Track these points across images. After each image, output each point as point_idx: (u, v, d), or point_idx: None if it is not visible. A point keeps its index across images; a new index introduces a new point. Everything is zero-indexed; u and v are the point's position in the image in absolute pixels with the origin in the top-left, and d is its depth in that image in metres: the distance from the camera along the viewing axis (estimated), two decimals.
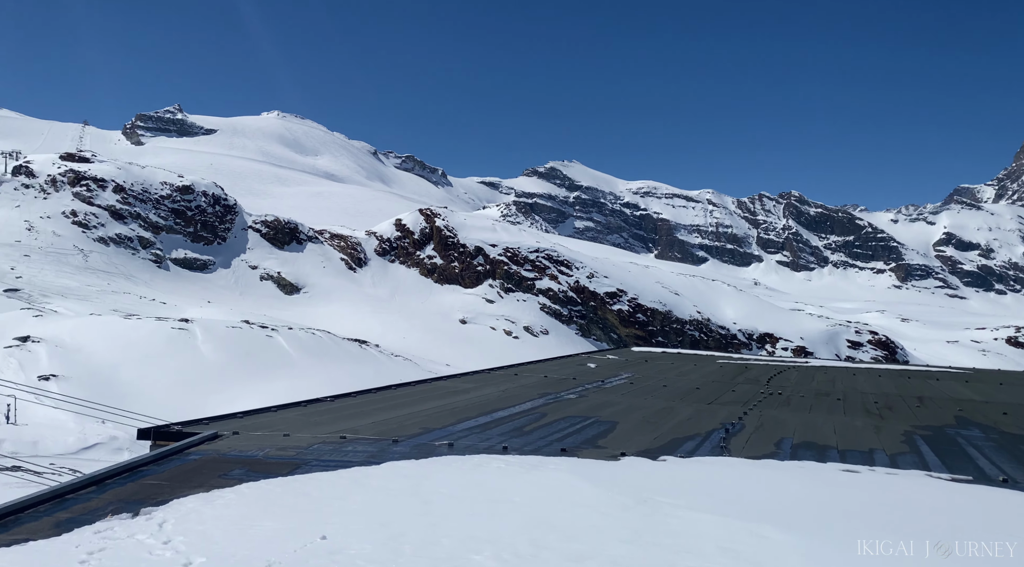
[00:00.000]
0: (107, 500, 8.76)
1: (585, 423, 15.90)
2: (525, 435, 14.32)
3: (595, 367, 29.11)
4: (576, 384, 22.87)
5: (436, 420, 15.65)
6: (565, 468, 10.93)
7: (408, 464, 10.98)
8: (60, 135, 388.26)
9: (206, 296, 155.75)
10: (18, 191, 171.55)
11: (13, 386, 62.41)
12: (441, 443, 13.10)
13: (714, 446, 13.98)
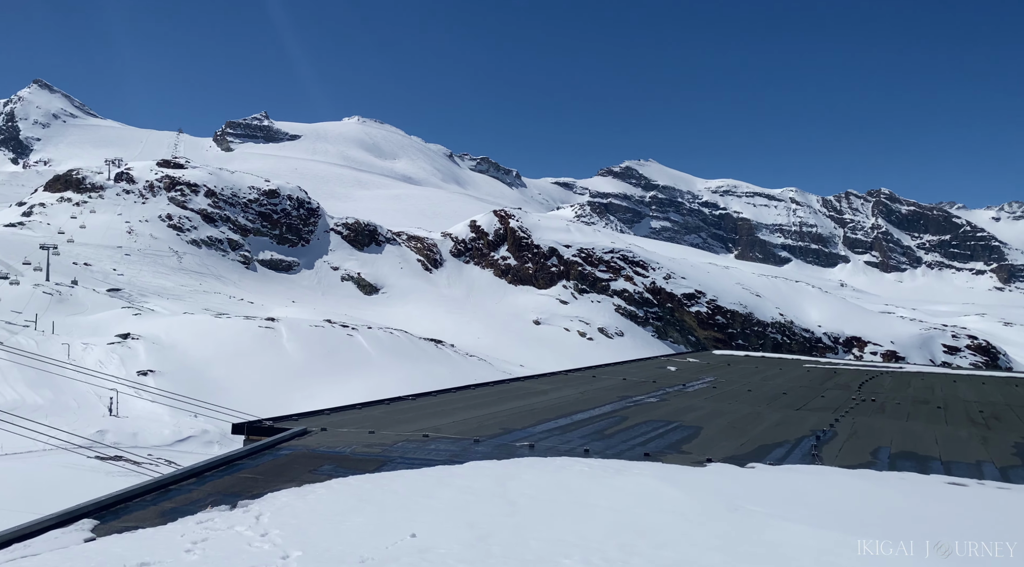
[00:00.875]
0: (207, 492, 9.12)
1: (668, 427, 15.56)
2: (606, 438, 14.13)
3: (675, 370, 28.53)
4: (656, 387, 22.46)
5: (515, 421, 15.64)
6: (650, 473, 10.70)
7: (491, 464, 10.98)
8: (157, 143, 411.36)
9: (290, 296, 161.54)
10: (120, 196, 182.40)
11: (115, 380, 66.34)
12: (522, 444, 13.07)
13: (805, 454, 13.43)
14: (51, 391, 69.23)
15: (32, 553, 6.21)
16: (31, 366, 68.62)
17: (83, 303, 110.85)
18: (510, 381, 24.42)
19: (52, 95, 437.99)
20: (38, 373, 69.10)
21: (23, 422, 45.08)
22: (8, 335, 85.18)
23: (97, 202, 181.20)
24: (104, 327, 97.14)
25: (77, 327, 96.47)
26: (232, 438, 57.15)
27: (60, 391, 69.17)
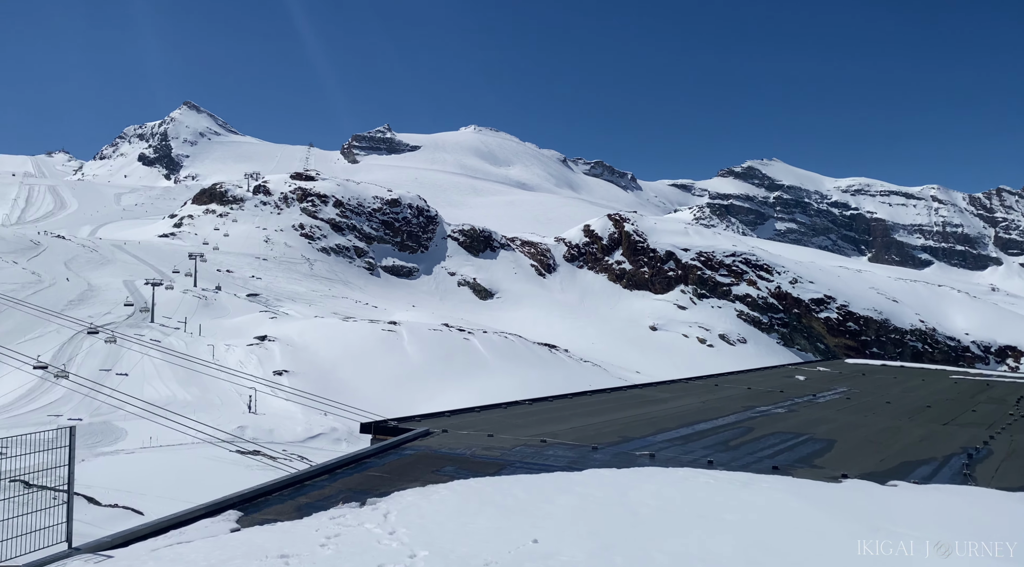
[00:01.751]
0: (338, 488, 9.54)
1: (797, 440, 14.76)
2: (731, 450, 13.59)
3: (804, 380, 27.08)
4: (784, 397, 21.39)
5: (634, 429, 15.34)
6: (780, 487, 10.17)
7: (610, 472, 10.81)
8: (290, 157, 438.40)
9: (411, 300, 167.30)
10: (257, 208, 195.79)
11: (254, 379, 71.06)
12: (642, 453, 12.79)
13: (955, 473, 12.32)
14: (198, 389, 75.17)
15: (186, 540, 6.72)
16: (182, 365, 74.83)
17: (226, 307, 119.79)
18: (627, 388, 24.02)
19: (199, 115, 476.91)
20: (188, 372, 75.24)
21: (175, 417, 49.20)
22: (162, 337, 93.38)
23: (238, 213, 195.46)
24: (244, 329, 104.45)
25: (220, 329, 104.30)
26: (359, 436, 59.54)
27: (206, 389, 74.97)
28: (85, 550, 6.37)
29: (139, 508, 35.25)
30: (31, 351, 76.71)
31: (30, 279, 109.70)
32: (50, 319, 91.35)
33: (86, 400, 66.43)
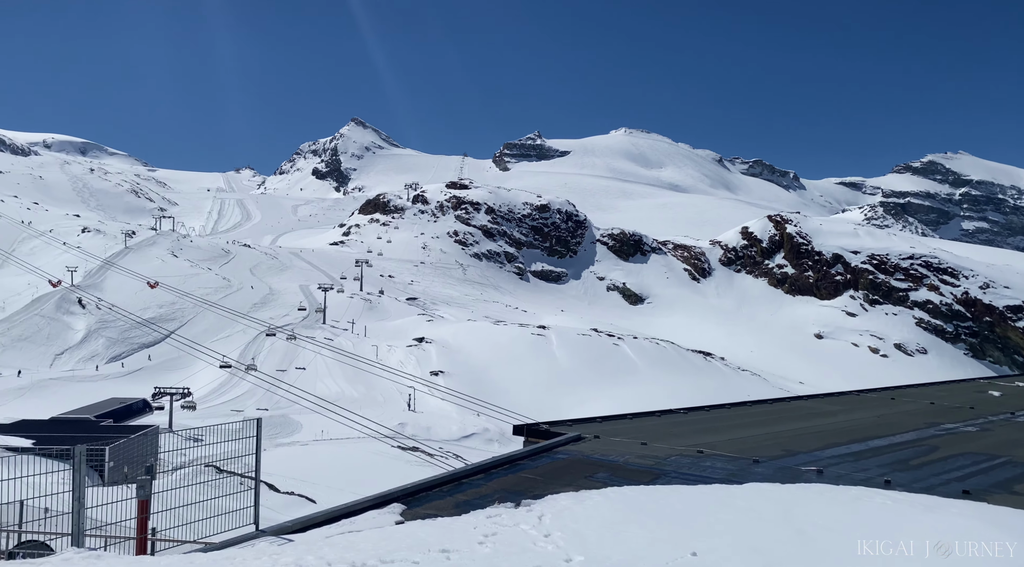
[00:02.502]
0: (493, 488, 9.75)
1: (992, 463, 13.20)
2: (912, 470, 12.40)
3: (999, 396, 24.22)
4: (975, 415, 19.23)
5: (799, 443, 14.44)
6: (972, 514, 9.12)
7: (773, 487, 10.22)
8: (446, 167, 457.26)
9: (559, 305, 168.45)
10: (416, 216, 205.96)
11: (413, 379, 74.61)
12: (808, 469, 12.00)
13: None
14: (364, 386, 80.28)
15: (356, 529, 7.15)
16: (350, 364, 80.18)
17: (388, 310, 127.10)
18: (791, 399, 22.68)
19: (365, 130, 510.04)
20: (355, 370, 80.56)
21: (343, 412, 52.75)
22: (332, 337, 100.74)
23: (398, 221, 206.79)
24: (404, 331, 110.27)
25: (383, 331, 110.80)
26: (510, 438, 60.39)
27: (371, 386, 79.89)
28: (270, 533, 6.97)
29: (312, 496, 38.09)
30: (222, 349, 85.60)
31: (222, 284, 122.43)
32: (237, 320, 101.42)
33: (267, 394, 73.01)
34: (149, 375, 78.74)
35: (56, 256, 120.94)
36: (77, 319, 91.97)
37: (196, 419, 59.43)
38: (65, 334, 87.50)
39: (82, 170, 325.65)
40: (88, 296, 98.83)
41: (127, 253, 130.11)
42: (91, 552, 6.08)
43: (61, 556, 5.79)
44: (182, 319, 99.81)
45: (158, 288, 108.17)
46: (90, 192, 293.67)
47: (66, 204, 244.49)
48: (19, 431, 42.44)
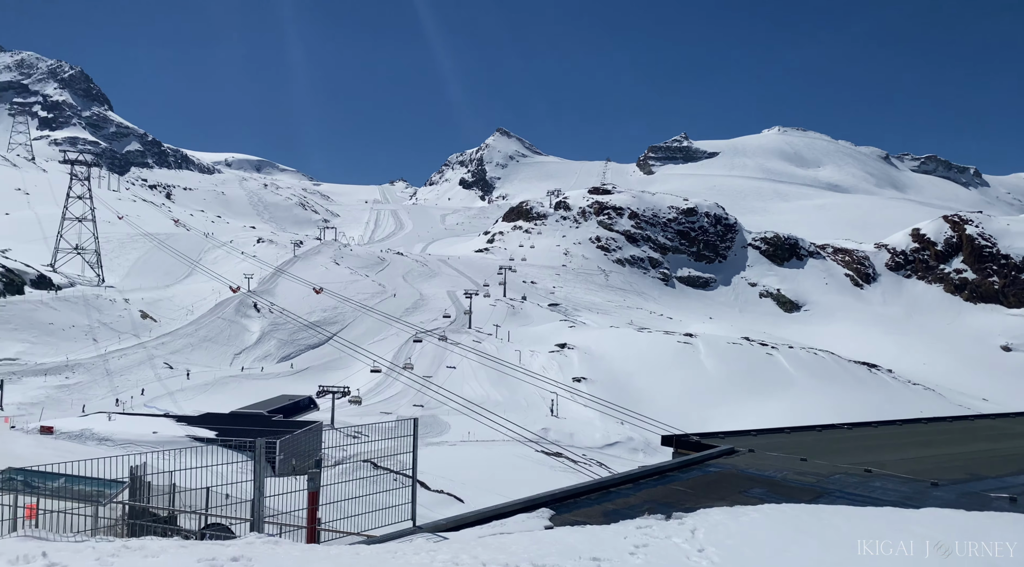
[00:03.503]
0: (642, 499, 9.56)
1: None
2: None
3: None
4: None
5: (987, 466, 12.99)
6: None
7: (956, 514, 9.25)
8: (588, 172, 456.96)
9: (707, 312, 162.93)
10: (558, 222, 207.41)
11: (555, 384, 75.04)
12: (998, 496, 10.76)
13: None
14: (508, 390, 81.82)
15: (507, 531, 7.27)
16: (494, 368, 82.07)
17: (530, 315, 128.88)
18: (975, 418, 20.51)
19: (509, 140, 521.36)
20: (499, 374, 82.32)
21: (489, 415, 53.97)
22: (476, 342, 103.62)
23: (541, 228, 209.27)
24: (546, 337, 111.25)
25: (526, 336, 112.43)
26: (656, 448, 59.29)
27: (514, 390, 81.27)
28: (426, 529, 7.25)
29: (460, 495, 39.26)
30: (378, 351, 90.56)
31: (377, 290, 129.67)
32: (391, 323, 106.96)
33: (418, 395, 76.30)
34: (314, 374, 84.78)
35: (235, 264, 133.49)
36: (253, 322, 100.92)
37: (354, 416, 63.19)
38: (242, 335, 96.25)
39: (257, 186, 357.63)
40: (262, 301, 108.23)
41: (295, 261, 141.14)
42: (269, 538, 6.61)
43: (244, 540, 6.33)
44: (343, 322, 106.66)
45: (322, 294, 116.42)
46: (264, 205, 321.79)
47: (244, 217, 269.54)
48: (204, 423, 47.45)
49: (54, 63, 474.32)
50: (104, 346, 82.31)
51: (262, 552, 5.49)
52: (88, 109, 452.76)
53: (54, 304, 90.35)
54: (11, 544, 5.66)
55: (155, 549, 5.56)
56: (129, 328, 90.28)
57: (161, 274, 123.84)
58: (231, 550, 5.52)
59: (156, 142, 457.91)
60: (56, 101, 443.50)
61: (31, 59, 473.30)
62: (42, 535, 6.39)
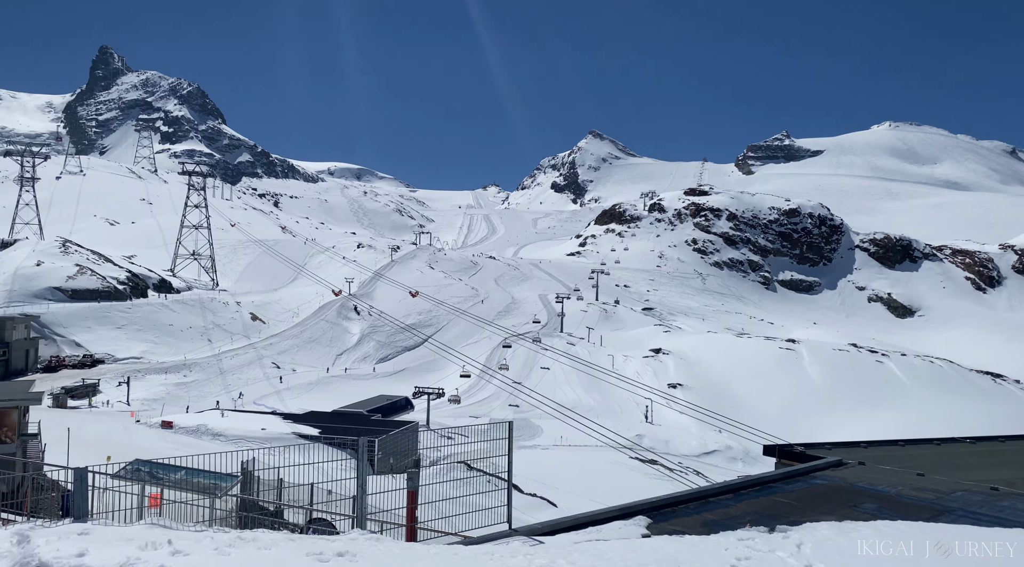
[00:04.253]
0: (743, 510, 9.23)
1: None
2: None
3: None
4: None
5: None
6: None
7: None
8: (684, 173, 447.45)
9: (811, 317, 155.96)
10: (652, 225, 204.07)
11: (650, 390, 73.81)
12: None
13: None
14: (600, 395, 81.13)
15: (603, 538, 7.19)
16: (586, 372, 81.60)
17: (623, 320, 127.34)
18: None
19: (602, 142, 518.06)
20: (591, 378, 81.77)
21: (582, 420, 53.70)
22: (568, 346, 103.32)
23: (635, 231, 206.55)
24: (639, 342, 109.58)
25: (619, 340, 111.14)
26: (756, 458, 57.21)
27: (606, 396, 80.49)
28: (522, 533, 7.27)
29: (552, 499, 39.22)
30: (471, 354, 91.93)
31: (470, 293, 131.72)
32: (484, 327, 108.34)
33: (510, 398, 76.90)
34: (410, 375, 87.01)
35: (337, 269, 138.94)
36: (353, 324, 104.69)
37: (448, 417, 64.38)
38: (344, 337, 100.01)
39: (357, 193, 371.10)
40: (362, 304, 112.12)
41: (392, 266, 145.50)
42: (372, 535, 6.82)
43: (348, 536, 6.56)
44: (437, 325, 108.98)
45: (418, 297, 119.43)
46: (363, 212, 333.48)
47: (345, 223, 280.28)
48: (308, 421, 49.65)
49: (174, 81, 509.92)
50: (217, 346, 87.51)
51: (365, 548, 5.67)
52: (204, 123, 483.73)
53: (173, 307, 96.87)
54: (140, 530, 6.12)
55: (267, 541, 5.85)
56: (240, 329, 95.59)
57: (269, 278, 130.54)
58: (336, 545, 5.73)
59: (265, 153, 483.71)
60: (176, 116, 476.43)
61: (154, 78, 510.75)
62: (166, 523, 6.87)
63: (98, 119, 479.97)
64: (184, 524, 7.24)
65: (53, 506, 16.74)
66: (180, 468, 11.16)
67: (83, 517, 7.00)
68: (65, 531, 5.94)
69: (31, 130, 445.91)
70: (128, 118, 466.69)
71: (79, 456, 26.17)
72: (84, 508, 7.07)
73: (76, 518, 6.96)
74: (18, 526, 6.02)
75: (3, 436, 27.16)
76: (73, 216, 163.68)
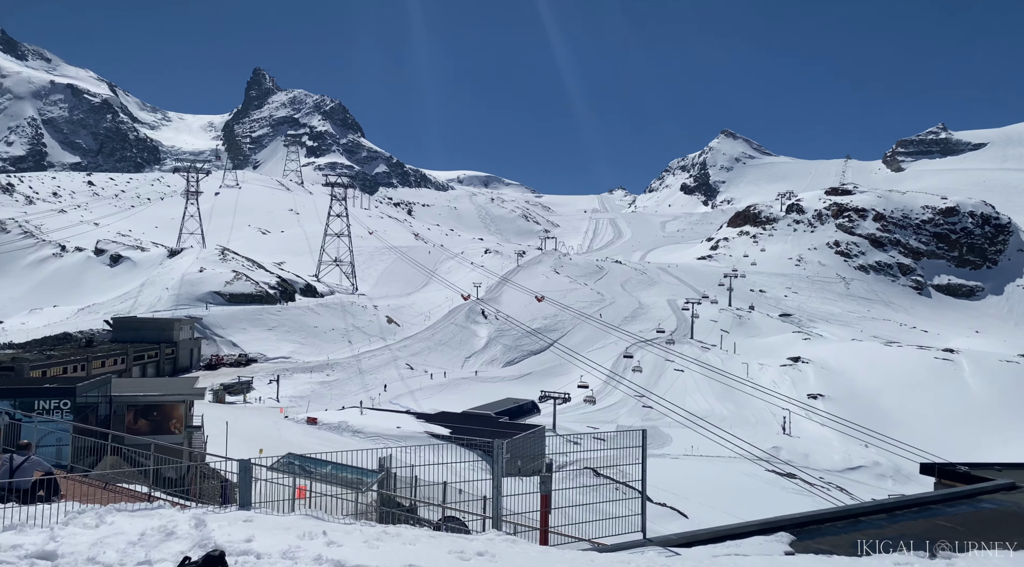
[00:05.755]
0: (898, 532, 8.56)
1: None
2: None
3: None
4: None
5: None
6: None
7: None
8: (824, 172, 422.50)
9: (972, 325, 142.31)
10: (790, 227, 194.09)
11: (788, 400, 70.18)
12: None
13: None
14: (733, 404, 78.03)
15: (742, 553, 6.91)
16: (718, 380, 78.83)
17: (758, 326, 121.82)
18: None
19: (735, 142, 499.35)
20: (724, 387, 78.87)
21: (714, 429, 51.94)
22: (700, 353, 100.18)
23: (770, 233, 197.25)
24: (776, 349, 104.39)
25: (753, 348, 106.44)
26: (909, 476, 53.06)
27: (741, 405, 77.31)
28: (657, 543, 7.12)
29: (683, 511, 38.16)
30: (597, 359, 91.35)
31: (596, 298, 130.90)
32: (610, 332, 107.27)
33: (637, 406, 75.64)
34: (535, 379, 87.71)
35: (466, 274, 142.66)
36: (481, 327, 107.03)
37: (573, 422, 64.28)
38: (472, 340, 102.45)
39: (484, 200, 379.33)
40: (489, 308, 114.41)
41: (518, 271, 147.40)
42: (508, 536, 6.93)
43: (485, 536, 6.71)
44: (563, 330, 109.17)
45: (543, 302, 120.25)
46: (490, 218, 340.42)
47: (472, 229, 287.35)
48: (439, 421, 51.33)
49: (318, 98, 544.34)
50: (357, 347, 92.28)
51: (503, 549, 5.77)
52: (344, 137, 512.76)
53: (318, 310, 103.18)
54: (296, 520, 6.58)
55: (410, 537, 6.11)
56: (377, 332, 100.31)
57: (403, 283, 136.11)
58: (475, 544, 5.88)
59: (399, 164, 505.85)
60: (320, 131, 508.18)
61: (301, 96, 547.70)
62: (318, 515, 7.33)
63: (252, 136, 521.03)
64: (333, 516, 7.69)
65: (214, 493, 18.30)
66: (328, 463, 11.85)
67: (247, 505, 7.62)
68: (233, 517, 6.50)
69: (195, 148, 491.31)
70: (278, 134, 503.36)
71: (235, 448, 28.47)
72: (248, 497, 7.69)
73: (241, 506, 7.59)
74: (194, 510, 6.65)
75: (172, 427, 30.09)
76: (230, 226, 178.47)
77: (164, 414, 29.57)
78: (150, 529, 5.98)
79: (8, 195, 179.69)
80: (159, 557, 5.59)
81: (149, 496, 10.33)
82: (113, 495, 10.20)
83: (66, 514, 7.06)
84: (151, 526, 6.09)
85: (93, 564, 5.50)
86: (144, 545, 5.77)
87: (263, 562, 5.31)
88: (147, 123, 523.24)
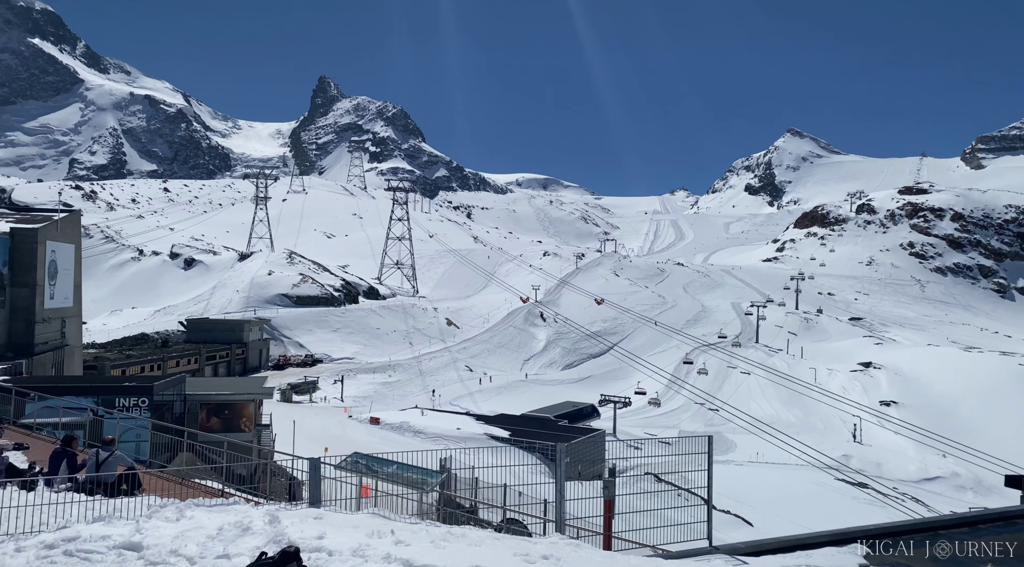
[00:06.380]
0: (981, 547, 8.17)
1: None
2: None
3: None
4: None
5: None
6: None
7: None
8: (898, 171, 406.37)
9: None
10: (860, 227, 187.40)
11: (858, 407, 67.76)
12: None
13: None
14: (800, 410, 75.74)
15: (813, 564, 6.71)
16: (784, 386, 76.67)
17: (827, 330, 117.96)
18: None
19: (801, 140, 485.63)
20: (790, 393, 76.67)
21: (780, 436, 50.55)
22: (765, 357, 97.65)
23: (839, 234, 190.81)
24: (846, 354, 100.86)
25: (822, 353, 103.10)
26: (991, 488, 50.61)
27: (808, 411, 74.99)
28: (723, 551, 6.98)
29: (748, 518, 37.27)
30: (659, 362, 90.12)
31: (657, 301, 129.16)
32: (672, 335, 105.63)
33: (701, 411, 74.23)
34: (595, 383, 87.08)
35: (524, 276, 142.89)
36: (539, 330, 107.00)
37: (634, 427, 63.52)
38: (530, 343, 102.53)
39: (543, 203, 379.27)
40: (548, 310, 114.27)
41: (577, 273, 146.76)
42: (571, 540, 6.92)
43: (549, 539, 6.72)
44: (623, 333, 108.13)
45: (603, 304, 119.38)
46: (549, 221, 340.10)
47: (531, 232, 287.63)
48: (498, 423, 51.52)
49: (381, 104, 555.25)
50: (417, 349, 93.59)
51: (567, 553, 5.77)
52: (406, 142, 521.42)
53: (380, 312, 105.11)
54: (364, 519, 6.73)
55: (475, 538, 6.18)
56: (437, 334, 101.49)
57: (462, 286, 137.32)
58: (540, 547, 5.89)
59: (459, 168, 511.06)
60: (382, 137, 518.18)
61: (364, 102, 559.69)
62: (385, 514, 7.48)
63: (317, 142, 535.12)
64: (399, 515, 7.83)
65: (282, 490, 18.86)
66: (392, 462, 12.06)
67: (317, 503, 7.85)
68: (304, 514, 6.71)
69: (264, 155, 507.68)
70: (342, 140, 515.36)
71: (302, 446, 29.25)
72: (318, 495, 7.92)
73: (311, 503, 7.83)
74: (268, 507, 6.89)
75: (242, 425, 31.16)
76: (297, 230, 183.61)
77: (235, 412, 30.62)
78: (227, 524, 6.23)
79: (91, 202, 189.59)
80: (236, 551, 5.82)
81: (223, 492, 10.74)
82: (190, 490, 10.64)
83: (148, 507, 7.42)
84: (228, 521, 6.34)
85: (176, 556, 5.77)
86: (222, 539, 6.01)
87: (335, 559, 5.46)
88: (219, 131, 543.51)
